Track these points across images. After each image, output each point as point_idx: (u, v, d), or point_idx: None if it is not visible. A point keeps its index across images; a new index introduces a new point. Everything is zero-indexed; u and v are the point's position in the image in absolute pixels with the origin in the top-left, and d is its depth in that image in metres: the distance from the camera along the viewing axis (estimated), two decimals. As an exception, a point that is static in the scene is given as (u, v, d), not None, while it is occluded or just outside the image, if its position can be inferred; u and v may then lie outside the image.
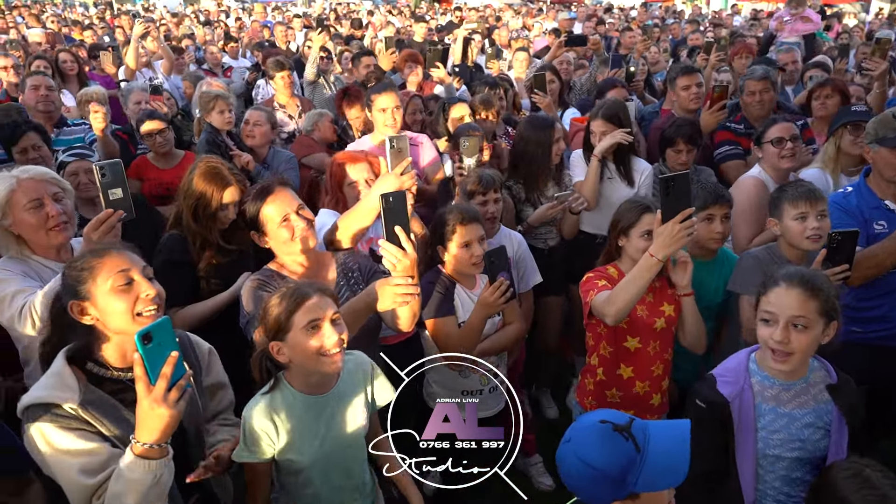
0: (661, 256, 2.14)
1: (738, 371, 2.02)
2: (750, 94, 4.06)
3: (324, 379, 1.87)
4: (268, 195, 2.21)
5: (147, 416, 1.46)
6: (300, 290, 1.81)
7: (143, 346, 1.43)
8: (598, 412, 1.54)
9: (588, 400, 2.64)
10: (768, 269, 2.58)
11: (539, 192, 3.63)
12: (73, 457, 1.59)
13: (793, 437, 1.98)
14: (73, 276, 1.70)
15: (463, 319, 2.57)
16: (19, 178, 2.24)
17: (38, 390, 1.64)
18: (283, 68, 5.32)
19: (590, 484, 1.45)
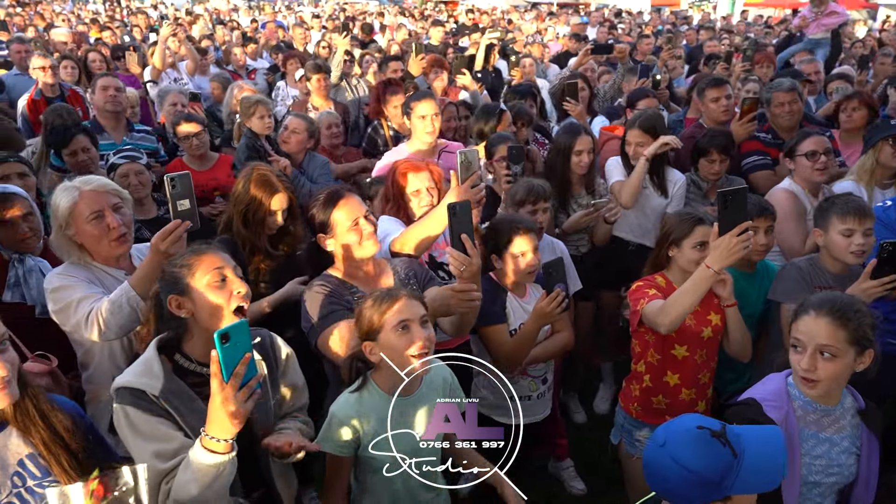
0: (718, 268, 2.18)
1: (780, 395, 2.01)
2: (779, 106, 4.11)
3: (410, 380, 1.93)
4: (339, 200, 2.28)
5: (217, 411, 1.52)
6: (392, 291, 1.90)
7: (221, 344, 1.49)
8: (688, 418, 1.58)
9: (634, 406, 2.69)
10: (809, 279, 2.65)
11: (569, 200, 3.69)
12: (149, 441, 1.69)
13: (832, 463, 2.00)
14: (173, 271, 1.81)
15: (514, 327, 2.62)
16: (82, 190, 2.28)
17: (128, 375, 1.76)
18: (319, 71, 5.44)
19: (685, 487, 1.50)
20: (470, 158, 2.24)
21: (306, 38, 10.24)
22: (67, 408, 1.68)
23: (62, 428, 1.59)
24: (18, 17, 13.10)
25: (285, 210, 2.79)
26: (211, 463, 1.55)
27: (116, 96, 4.36)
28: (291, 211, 2.80)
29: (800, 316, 1.95)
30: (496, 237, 2.59)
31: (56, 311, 2.24)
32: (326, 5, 22.62)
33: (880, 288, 2.36)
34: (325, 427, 1.93)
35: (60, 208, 2.27)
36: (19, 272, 2.54)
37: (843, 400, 2.02)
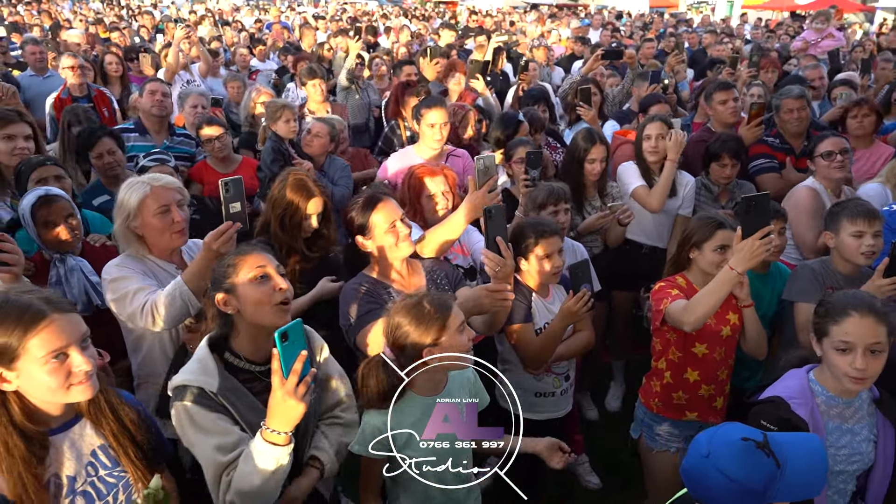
0: (742, 270, 2.29)
1: (804, 391, 2.13)
2: (788, 112, 4.23)
3: (439, 378, 2.02)
4: (378, 203, 2.40)
5: (279, 405, 1.62)
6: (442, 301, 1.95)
7: (281, 343, 1.59)
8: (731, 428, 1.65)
9: (654, 401, 2.80)
10: (822, 280, 2.77)
11: (583, 203, 3.80)
12: (210, 435, 1.78)
13: (854, 452, 2.12)
14: (220, 271, 1.92)
15: (538, 326, 2.72)
16: (152, 185, 2.43)
17: (186, 374, 1.85)
18: (315, 76, 5.50)
19: (730, 497, 1.57)
20: (487, 164, 2.35)
21: (314, 39, 10.32)
22: (132, 402, 1.79)
23: (129, 421, 1.70)
24: (19, 17, 13.16)
25: (320, 214, 2.89)
26: (272, 455, 1.65)
27: (163, 101, 4.50)
28: (325, 214, 2.90)
29: (842, 318, 2.02)
30: (521, 240, 2.68)
31: (113, 300, 2.37)
32: (329, 6, 22.73)
33: (893, 286, 2.46)
34: (359, 433, 2.00)
35: (131, 201, 2.41)
36: (61, 271, 2.63)
37: (861, 392, 2.14)
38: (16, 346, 1.48)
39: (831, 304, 2.10)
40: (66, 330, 1.52)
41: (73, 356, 1.53)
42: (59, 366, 1.51)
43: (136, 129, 4.47)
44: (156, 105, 4.44)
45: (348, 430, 2.06)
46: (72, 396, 1.56)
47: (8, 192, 3.24)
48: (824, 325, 2.08)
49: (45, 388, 1.52)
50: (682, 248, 2.76)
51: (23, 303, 1.51)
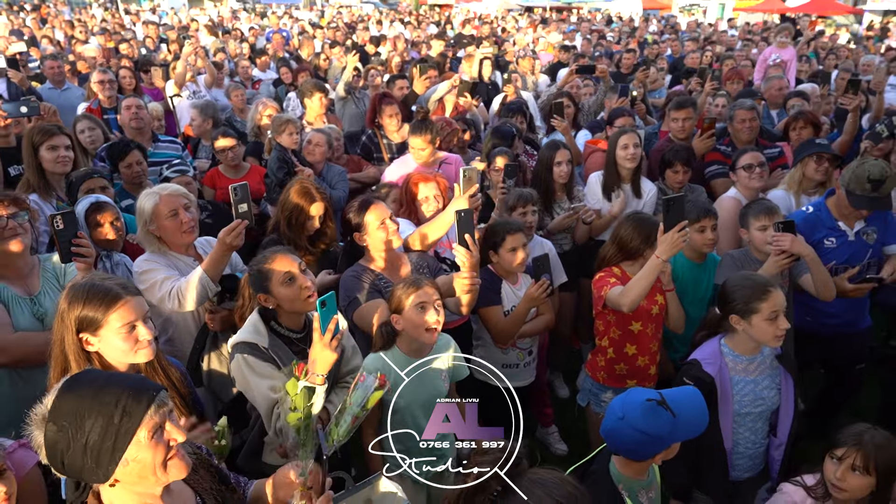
0: (665, 257, 2.82)
1: (714, 354, 2.70)
2: (740, 122, 4.75)
3: (423, 346, 2.55)
4: (370, 205, 2.96)
5: (319, 353, 2.09)
6: (417, 280, 2.53)
7: (321, 308, 2.07)
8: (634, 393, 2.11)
9: (600, 374, 3.34)
10: (741, 265, 3.35)
11: (552, 205, 4.32)
12: (264, 378, 2.31)
13: (757, 397, 2.69)
14: (256, 276, 2.43)
15: (507, 308, 3.26)
16: (161, 194, 2.94)
17: (243, 334, 2.39)
18: (319, 91, 5.88)
19: (643, 445, 2.05)
20: (471, 175, 2.86)
21: (312, 49, 10.78)
22: (177, 364, 2.32)
23: (175, 377, 2.22)
24: (27, 29, 13.59)
25: (322, 215, 3.41)
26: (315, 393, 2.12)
27: (138, 113, 4.92)
28: (326, 215, 3.41)
29: (767, 295, 2.56)
30: (493, 237, 3.23)
31: (145, 288, 2.83)
32: (326, 11, 23.20)
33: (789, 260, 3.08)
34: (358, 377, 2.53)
35: (146, 209, 2.92)
36: (107, 265, 3.14)
37: (764, 350, 2.70)
38: (100, 319, 1.98)
39: (752, 288, 2.62)
40: (135, 308, 2.03)
41: (139, 328, 2.03)
42: (129, 334, 2.01)
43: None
44: (133, 119, 4.87)
45: None
46: (138, 357, 2.06)
47: (54, 195, 3.72)
48: (753, 305, 2.59)
49: (119, 351, 2.02)
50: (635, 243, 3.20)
51: (105, 287, 2.01)
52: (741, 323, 2.63)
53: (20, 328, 2.61)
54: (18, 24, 14.26)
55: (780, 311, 2.57)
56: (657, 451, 2.07)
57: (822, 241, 3.48)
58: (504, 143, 4.61)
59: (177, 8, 25.28)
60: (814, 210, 3.58)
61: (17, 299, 2.66)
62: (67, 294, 2.02)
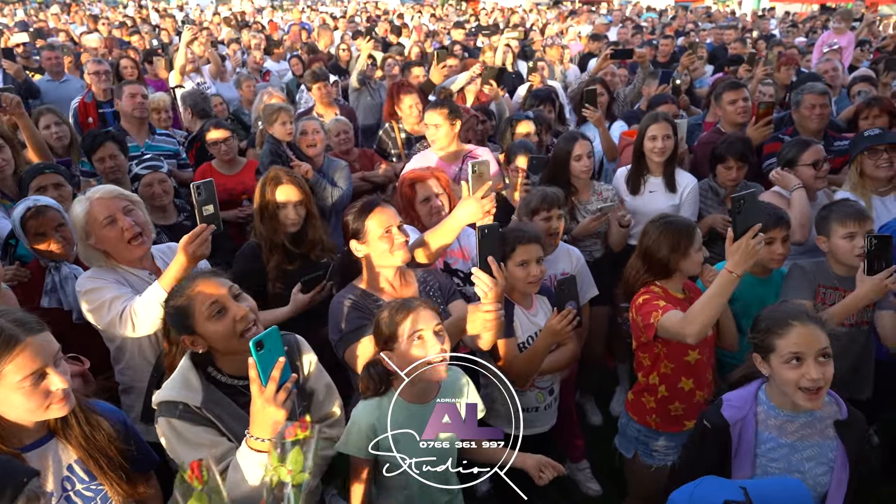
0: (739, 272, 2.17)
1: (746, 398, 2.08)
2: (809, 108, 4.10)
3: (427, 388, 2.01)
4: (374, 208, 2.37)
5: (260, 413, 1.62)
6: (406, 302, 1.96)
7: (257, 351, 1.59)
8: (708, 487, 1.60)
9: (652, 417, 2.72)
10: (813, 279, 2.76)
11: (576, 206, 3.74)
12: (196, 448, 1.77)
13: (792, 468, 2.02)
14: (175, 313, 1.87)
15: (521, 340, 2.67)
16: (91, 199, 2.41)
17: (168, 390, 1.84)
18: (318, 80, 5.54)
19: None
20: (481, 170, 2.29)
21: (331, 41, 10.36)
22: (108, 413, 1.79)
23: (101, 434, 1.70)
24: (43, 23, 13.42)
25: (298, 205, 2.89)
26: (258, 461, 1.65)
27: (143, 103, 4.59)
28: (309, 213, 2.90)
29: (786, 331, 1.94)
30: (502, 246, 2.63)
31: (90, 311, 2.37)
32: (349, 6, 22.81)
33: (892, 279, 2.39)
34: (345, 431, 2.02)
35: (78, 220, 2.41)
36: (56, 279, 2.68)
37: (825, 408, 2.01)
38: None
39: (770, 319, 2.01)
40: (40, 352, 1.52)
41: (50, 376, 1.53)
42: (35, 387, 1.51)
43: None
44: (137, 108, 4.54)
45: (331, 445, 2.04)
46: (50, 414, 1.57)
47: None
48: (768, 341, 1.98)
49: (23, 410, 1.53)
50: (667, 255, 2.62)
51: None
52: (763, 365, 2.01)
53: None
54: (30, 17, 14.08)
55: (808, 354, 1.89)
56: None
57: None
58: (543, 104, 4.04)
59: (203, 5, 25.17)
60: None
61: None
62: None
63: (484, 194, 2.29)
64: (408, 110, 4.78)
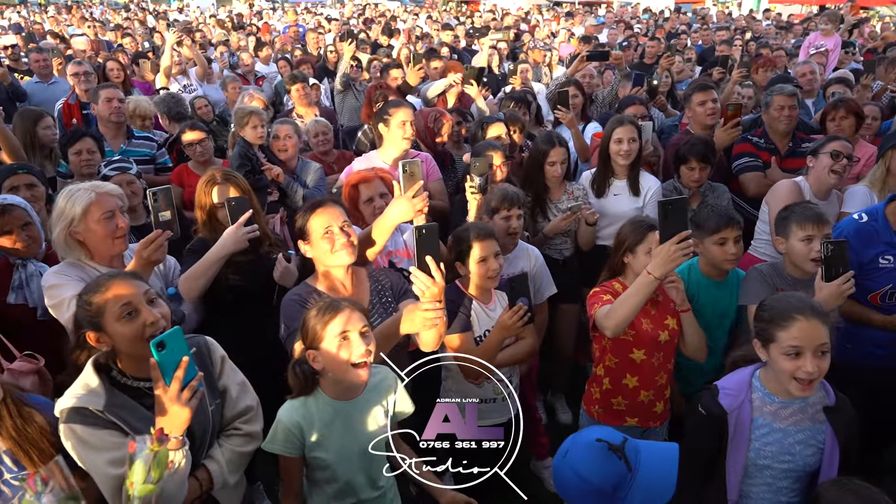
0: (658, 275, 2.26)
1: (741, 386, 2.12)
2: (778, 109, 4.13)
3: (352, 387, 2.05)
4: (317, 208, 2.39)
5: (164, 413, 1.66)
6: (334, 303, 1.99)
7: (158, 352, 1.63)
8: (594, 430, 1.69)
9: (595, 408, 2.79)
10: (771, 282, 2.75)
11: (547, 205, 3.79)
12: (101, 451, 1.76)
13: (784, 451, 2.09)
14: (85, 309, 1.86)
15: (479, 334, 2.72)
16: (97, 192, 2.49)
17: (69, 396, 1.81)
18: (296, 81, 5.60)
19: (582, 496, 1.62)
20: (412, 169, 2.34)
21: (319, 43, 10.40)
22: (45, 408, 1.83)
23: (34, 427, 1.75)
24: (38, 27, 13.48)
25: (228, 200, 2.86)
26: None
27: (120, 107, 4.58)
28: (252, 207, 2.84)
29: (789, 323, 1.98)
30: (459, 245, 2.69)
31: (51, 305, 2.44)
32: (345, 8, 22.83)
33: (848, 285, 2.37)
34: (272, 430, 2.05)
35: (75, 208, 2.45)
36: (22, 276, 2.74)
37: (815, 394, 2.08)
38: None
39: (775, 310, 2.05)
40: None
41: None
42: None
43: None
44: (114, 112, 4.52)
45: (249, 441, 2.05)
46: None
47: None
48: (771, 331, 2.03)
49: None
50: (616, 253, 2.74)
51: None
52: (762, 351, 2.07)
53: None
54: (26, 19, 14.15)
55: (807, 348, 1.95)
56: None
57: (876, 259, 2.85)
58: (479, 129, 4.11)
59: (203, 8, 25.22)
60: (868, 219, 2.91)
61: None
62: None
63: (415, 193, 2.34)
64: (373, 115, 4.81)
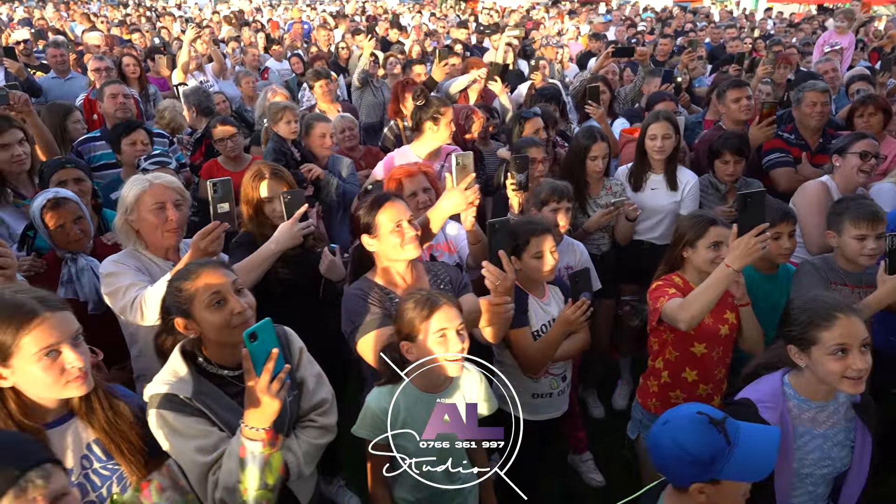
0: (737, 267, 2.26)
1: (776, 396, 2.08)
2: (810, 105, 4.12)
3: (441, 380, 2.06)
4: (385, 202, 2.39)
5: (254, 403, 1.66)
6: (432, 298, 1.99)
7: (250, 343, 1.63)
8: (694, 405, 1.71)
9: (652, 401, 2.80)
10: (825, 276, 2.76)
11: (587, 200, 3.80)
12: (189, 439, 1.79)
13: (825, 456, 2.08)
14: (175, 296, 1.90)
15: (535, 329, 2.72)
16: (151, 182, 2.51)
17: (159, 382, 1.85)
18: (320, 77, 5.60)
19: (678, 464, 1.65)
20: (465, 162, 2.36)
21: (330, 39, 10.39)
22: (128, 398, 1.83)
23: (122, 418, 1.74)
24: (42, 22, 13.40)
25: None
26: (253, 450, 1.69)
27: (125, 103, 4.54)
28: None
29: (831, 323, 1.96)
30: (514, 239, 2.66)
31: (108, 293, 2.45)
32: (348, 5, 22.80)
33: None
34: (361, 415, 2.07)
35: (129, 195, 2.50)
36: (72, 270, 2.72)
37: (839, 395, 2.08)
38: (9, 343, 1.52)
39: (813, 312, 2.02)
40: (57, 327, 1.57)
41: (65, 353, 1.57)
42: (52, 363, 1.55)
43: (102, 138, 4.30)
44: (119, 108, 4.48)
45: (324, 433, 2.05)
46: (67, 392, 1.61)
47: (10, 196, 3.30)
48: (811, 334, 1.99)
49: (40, 385, 1.58)
50: (675, 247, 2.74)
51: (16, 301, 1.56)
52: (801, 357, 2.04)
53: None
54: (40, 15, 14.08)
55: (853, 346, 1.93)
56: (695, 477, 1.65)
57: None
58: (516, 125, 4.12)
59: (202, 4, 25.14)
60: None
61: None
62: None
63: (467, 186, 2.35)
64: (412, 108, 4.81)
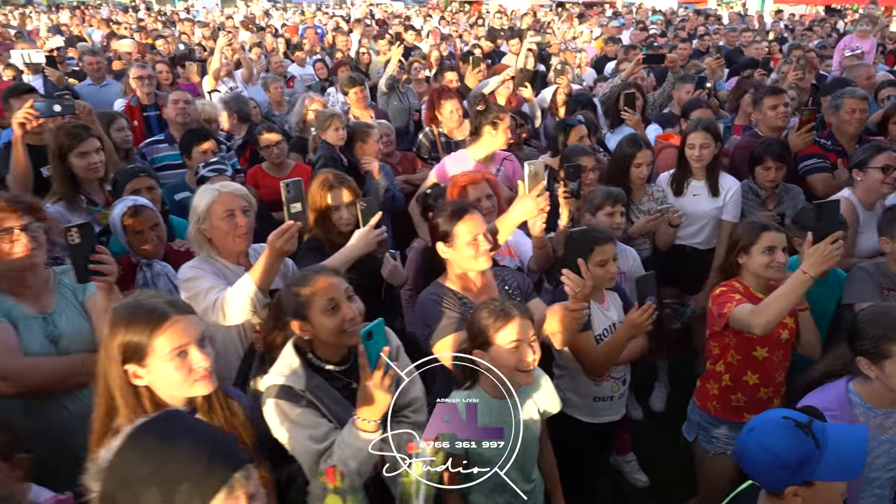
0: (814, 274, 2.34)
1: (843, 404, 2.16)
2: (849, 112, 4.16)
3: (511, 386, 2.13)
4: (465, 215, 2.49)
5: (367, 397, 1.76)
6: (506, 309, 2.08)
7: (366, 341, 1.73)
8: (780, 410, 1.78)
9: (712, 404, 2.86)
10: (878, 281, 2.85)
11: (630, 206, 3.88)
12: (303, 428, 1.91)
13: (892, 460, 2.17)
14: (292, 299, 2.02)
15: (598, 333, 2.81)
16: (220, 191, 2.61)
17: (275, 374, 1.98)
18: (355, 84, 5.70)
19: (769, 469, 1.71)
20: (536, 169, 2.46)
21: (348, 44, 10.49)
22: (242, 400, 1.93)
23: (238, 419, 1.84)
24: (64, 27, 13.53)
25: (351, 206, 3.03)
26: (365, 441, 1.79)
27: (185, 108, 4.70)
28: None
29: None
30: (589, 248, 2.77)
31: (188, 297, 2.51)
32: (355, 9, 22.91)
33: None
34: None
35: (200, 205, 2.59)
36: (147, 275, 2.82)
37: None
38: (145, 344, 1.64)
39: (883, 326, 2.10)
40: (186, 329, 1.68)
41: (192, 353, 1.68)
42: (182, 362, 1.66)
43: (165, 141, 4.64)
44: (179, 113, 4.66)
45: (415, 430, 2.10)
46: (195, 390, 1.71)
47: (84, 203, 3.38)
48: (885, 348, 2.07)
49: (172, 383, 1.68)
50: (729, 254, 2.82)
51: (150, 305, 1.68)
52: (872, 368, 2.12)
53: (31, 352, 2.28)
54: (56, 22, 14.21)
55: None
56: (788, 481, 1.70)
57: None
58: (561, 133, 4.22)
59: (209, 8, 25.34)
60: None
61: (28, 319, 2.32)
62: (109, 318, 1.70)
63: (538, 193, 2.45)
64: (448, 115, 4.90)
